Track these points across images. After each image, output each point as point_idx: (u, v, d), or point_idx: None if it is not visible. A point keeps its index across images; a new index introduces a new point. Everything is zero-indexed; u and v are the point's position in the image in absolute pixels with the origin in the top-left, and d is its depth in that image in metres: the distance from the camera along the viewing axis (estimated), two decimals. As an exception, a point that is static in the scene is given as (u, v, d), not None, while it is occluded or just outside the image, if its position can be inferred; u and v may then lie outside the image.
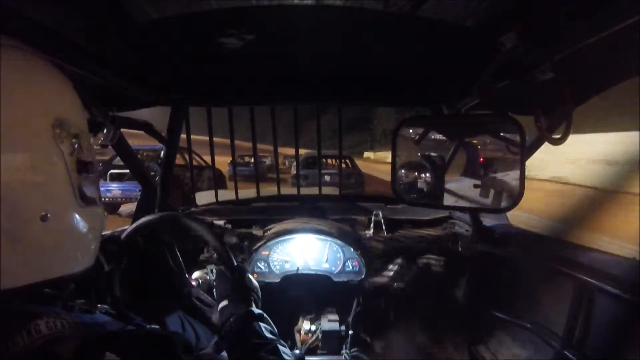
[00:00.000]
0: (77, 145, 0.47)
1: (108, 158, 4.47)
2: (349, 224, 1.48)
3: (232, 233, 1.38)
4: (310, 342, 1.33)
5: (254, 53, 0.94)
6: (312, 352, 1.32)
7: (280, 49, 0.95)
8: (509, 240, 1.31)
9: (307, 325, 1.36)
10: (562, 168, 9.56)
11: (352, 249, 1.37)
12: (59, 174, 0.44)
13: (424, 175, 1.35)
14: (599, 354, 0.90)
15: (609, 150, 8.64)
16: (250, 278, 0.85)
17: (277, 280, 1.36)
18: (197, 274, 0.94)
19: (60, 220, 0.44)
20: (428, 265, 1.48)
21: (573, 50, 0.75)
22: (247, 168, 10.71)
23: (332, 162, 8.90)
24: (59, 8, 0.64)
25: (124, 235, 0.82)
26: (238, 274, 0.82)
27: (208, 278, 0.93)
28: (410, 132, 1.41)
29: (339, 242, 1.37)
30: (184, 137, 1.59)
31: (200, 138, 1.78)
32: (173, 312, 0.93)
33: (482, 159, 1.37)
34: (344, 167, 8.07)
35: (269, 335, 0.69)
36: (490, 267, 1.33)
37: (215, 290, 0.85)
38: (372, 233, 1.44)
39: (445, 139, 1.46)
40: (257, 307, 0.79)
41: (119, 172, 6.00)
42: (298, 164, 1.82)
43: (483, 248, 1.33)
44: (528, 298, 1.21)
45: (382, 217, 1.44)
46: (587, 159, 9.25)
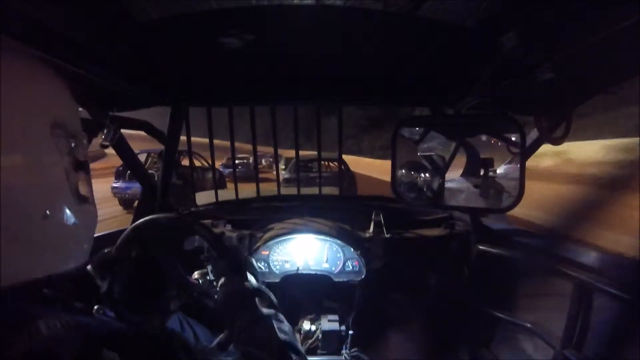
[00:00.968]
0: (73, 145, 0.48)
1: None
2: (349, 224, 1.48)
3: (232, 233, 1.38)
4: (310, 342, 1.33)
5: (254, 53, 0.94)
6: (312, 352, 1.32)
7: (281, 49, 0.95)
8: (509, 240, 1.31)
9: (307, 325, 1.36)
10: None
11: (352, 249, 1.37)
12: (58, 174, 0.45)
13: (424, 175, 1.35)
14: (599, 354, 0.90)
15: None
16: (247, 257, 0.86)
17: (277, 280, 1.36)
18: (197, 274, 0.94)
19: (59, 218, 0.45)
20: (428, 265, 1.48)
21: (573, 50, 0.75)
22: (228, 170, 9.45)
23: (326, 164, 8.90)
24: (59, 8, 0.64)
25: (114, 250, 0.83)
26: (232, 253, 0.83)
27: (208, 278, 0.93)
28: (410, 132, 1.42)
29: (339, 242, 1.37)
30: (184, 137, 1.59)
31: (199, 140, 1.78)
32: (172, 312, 0.93)
33: (481, 159, 1.37)
34: (337, 169, 8.12)
35: (266, 310, 0.69)
36: (490, 267, 1.33)
37: (212, 271, 0.85)
38: (372, 233, 1.44)
39: (445, 139, 1.46)
40: (256, 280, 0.80)
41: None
42: (298, 164, 1.82)
43: (483, 248, 1.33)
44: (528, 298, 1.21)
45: (382, 217, 1.44)
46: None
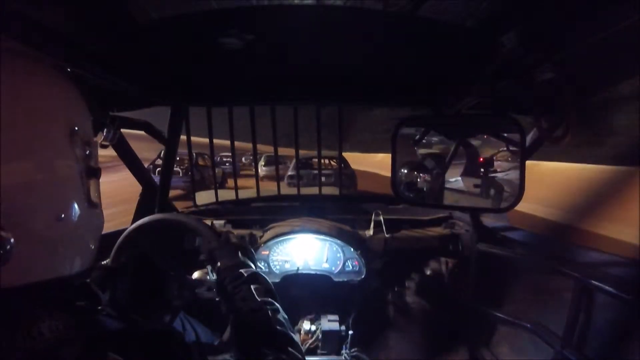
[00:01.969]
0: (88, 152, 0.50)
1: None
2: (349, 224, 1.48)
3: (231, 233, 1.37)
4: (310, 342, 1.33)
5: (254, 53, 0.94)
6: (312, 352, 1.32)
7: (281, 49, 0.95)
8: (509, 240, 1.31)
9: (307, 325, 1.36)
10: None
11: (352, 249, 1.37)
12: (74, 179, 0.47)
13: (424, 175, 1.35)
14: (599, 354, 0.90)
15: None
16: (241, 243, 0.87)
17: (277, 280, 1.36)
18: (197, 274, 0.94)
19: (72, 222, 0.47)
20: (428, 265, 1.48)
21: (573, 50, 0.75)
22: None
23: (326, 162, 8.93)
24: (59, 8, 0.64)
25: (110, 261, 0.83)
26: (223, 237, 0.84)
27: (208, 278, 0.93)
28: (410, 132, 1.42)
29: (339, 242, 1.37)
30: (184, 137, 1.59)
31: (198, 140, 1.78)
32: (172, 311, 0.93)
33: (482, 159, 1.37)
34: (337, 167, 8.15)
35: (262, 299, 0.69)
36: (490, 267, 1.33)
37: (212, 271, 0.86)
38: (372, 233, 1.44)
39: (445, 139, 1.46)
40: (253, 263, 0.81)
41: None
42: (298, 165, 1.82)
43: (483, 248, 1.33)
44: (528, 298, 1.21)
45: (382, 217, 1.44)
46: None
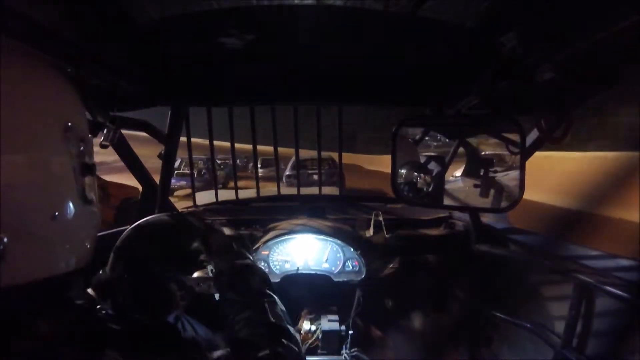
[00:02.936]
0: (82, 149, 0.49)
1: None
2: (349, 224, 1.48)
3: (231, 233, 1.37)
4: (310, 342, 1.33)
5: (254, 53, 0.94)
6: (312, 352, 1.32)
7: (281, 49, 0.95)
8: (509, 240, 1.31)
9: (307, 325, 1.36)
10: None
11: (352, 249, 1.37)
12: (68, 176, 0.47)
13: (424, 175, 1.35)
14: (599, 354, 0.90)
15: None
16: (236, 235, 0.87)
17: (277, 280, 1.36)
18: (197, 274, 0.94)
19: (67, 220, 0.46)
20: (428, 265, 1.48)
21: (573, 50, 0.75)
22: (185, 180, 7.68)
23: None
24: (60, 8, 0.64)
25: (109, 271, 0.83)
26: (218, 233, 0.83)
27: (208, 278, 0.93)
28: (410, 132, 1.42)
29: (339, 242, 1.37)
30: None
31: (199, 141, 1.77)
32: (172, 311, 0.93)
33: (481, 159, 1.37)
34: (328, 167, 8.21)
35: (257, 289, 0.70)
36: (490, 267, 1.33)
37: (212, 270, 0.86)
38: (372, 233, 1.44)
39: (445, 139, 1.46)
40: (250, 254, 0.81)
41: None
42: (298, 164, 1.82)
43: (483, 248, 1.33)
44: (528, 298, 1.21)
45: (382, 217, 1.44)
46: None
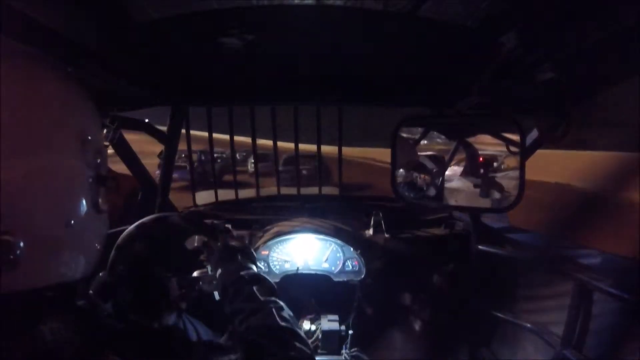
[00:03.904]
0: (99, 161, 0.50)
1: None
2: (349, 224, 1.48)
3: (231, 233, 1.37)
4: (310, 342, 1.33)
5: (254, 53, 0.94)
6: (312, 352, 1.32)
7: (281, 49, 0.95)
8: (509, 240, 1.31)
9: (307, 325, 1.36)
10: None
11: (352, 249, 1.37)
12: (84, 185, 0.48)
13: (424, 175, 1.35)
14: (599, 354, 0.90)
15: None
16: (243, 244, 0.87)
17: (276, 280, 1.36)
18: (197, 274, 0.94)
19: (79, 227, 0.47)
20: (428, 266, 1.48)
21: (573, 50, 0.75)
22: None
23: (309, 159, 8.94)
24: (59, 8, 0.64)
25: (108, 272, 0.83)
26: (221, 241, 0.84)
27: (208, 273, 0.93)
28: (410, 132, 1.42)
29: (339, 241, 1.37)
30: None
31: (199, 134, 1.77)
32: (173, 311, 0.94)
33: (482, 159, 1.37)
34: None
35: (265, 298, 0.69)
36: (490, 267, 1.33)
37: (212, 269, 0.86)
38: (372, 233, 1.44)
39: (445, 139, 1.46)
40: (254, 263, 0.81)
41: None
42: (298, 164, 1.81)
43: (483, 248, 1.33)
44: (528, 298, 1.21)
45: (382, 217, 1.44)
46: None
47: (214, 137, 1.66)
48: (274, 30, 0.84)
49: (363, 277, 1.37)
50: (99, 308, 0.61)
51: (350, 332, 1.33)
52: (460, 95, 1.24)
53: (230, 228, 1.07)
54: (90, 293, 0.68)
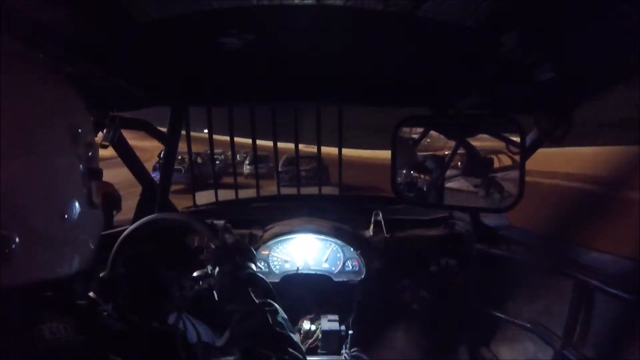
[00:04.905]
0: (90, 154, 0.50)
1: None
2: (349, 224, 1.48)
3: (231, 233, 1.38)
4: (310, 342, 1.33)
5: (254, 53, 0.94)
6: (312, 352, 1.32)
7: (281, 49, 0.95)
8: (509, 240, 1.31)
9: (307, 325, 1.36)
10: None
11: (352, 249, 1.37)
12: (77, 180, 0.48)
13: (424, 175, 1.35)
14: (599, 354, 0.90)
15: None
16: (241, 245, 0.87)
17: (276, 280, 1.36)
18: (197, 274, 0.94)
19: (74, 222, 0.47)
20: (428, 265, 1.48)
21: (573, 50, 0.75)
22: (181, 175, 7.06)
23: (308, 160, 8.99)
24: (60, 8, 0.64)
25: (107, 272, 0.83)
26: (220, 240, 0.84)
27: (207, 276, 0.93)
28: (410, 132, 1.42)
29: (339, 242, 1.37)
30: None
31: (199, 135, 1.77)
32: (174, 311, 0.94)
33: (482, 159, 1.37)
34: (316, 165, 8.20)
35: (260, 301, 0.70)
36: (490, 267, 1.33)
37: (212, 269, 0.86)
38: (372, 233, 1.44)
39: (445, 139, 1.46)
40: (253, 263, 0.81)
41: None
42: (298, 164, 1.82)
43: (483, 248, 1.33)
44: (528, 298, 1.21)
45: (382, 217, 1.44)
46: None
47: (215, 137, 1.66)
48: (274, 30, 0.84)
49: (363, 277, 1.37)
50: (99, 308, 0.61)
51: (350, 332, 1.34)
52: (460, 95, 1.24)
53: (230, 227, 1.07)
54: (90, 293, 0.68)
